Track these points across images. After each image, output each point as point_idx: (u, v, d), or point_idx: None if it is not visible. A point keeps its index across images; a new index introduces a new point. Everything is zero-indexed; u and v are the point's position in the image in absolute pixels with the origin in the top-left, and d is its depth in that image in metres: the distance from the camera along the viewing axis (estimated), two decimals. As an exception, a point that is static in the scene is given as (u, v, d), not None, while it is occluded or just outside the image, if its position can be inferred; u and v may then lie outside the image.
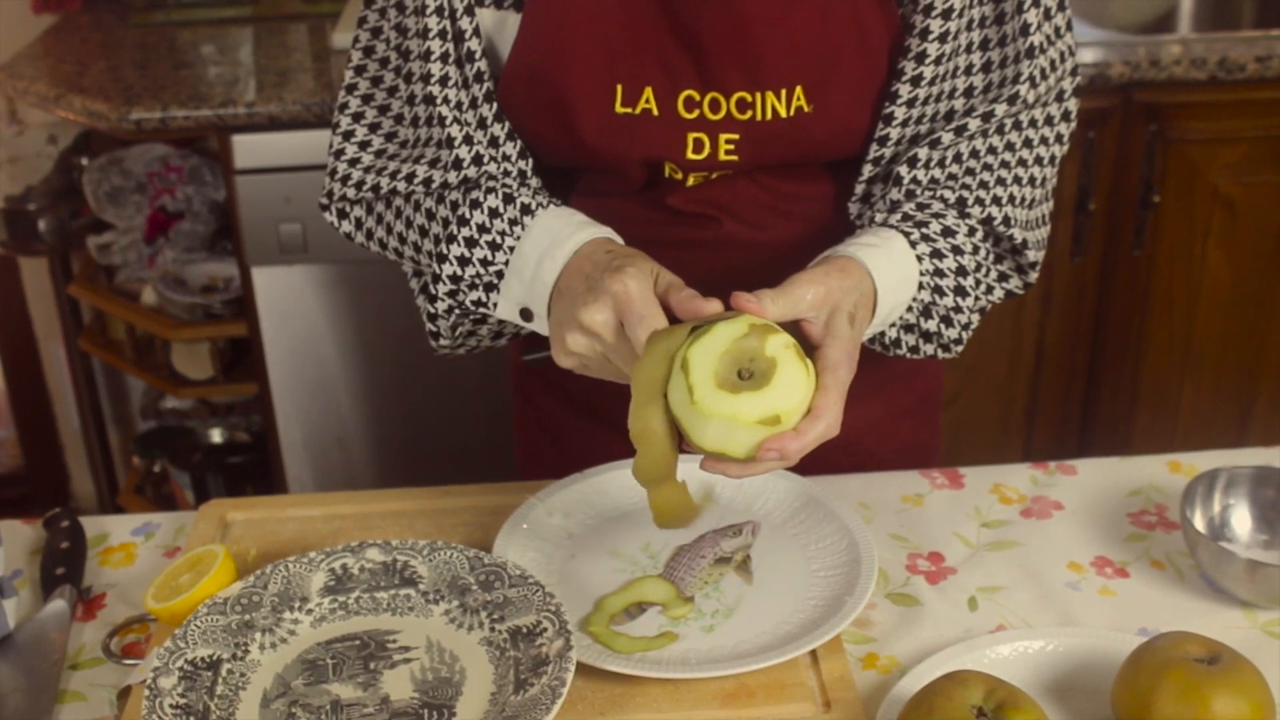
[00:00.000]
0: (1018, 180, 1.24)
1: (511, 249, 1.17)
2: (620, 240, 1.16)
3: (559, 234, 1.15)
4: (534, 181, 1.26)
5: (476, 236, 1.19)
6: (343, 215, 1.29)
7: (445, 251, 1.20)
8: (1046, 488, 1.35)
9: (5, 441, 3.48)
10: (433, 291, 1.22)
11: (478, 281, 1.19)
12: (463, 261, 1.19)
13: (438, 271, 1.21)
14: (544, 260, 1.14)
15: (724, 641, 1.11)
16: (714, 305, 1.03)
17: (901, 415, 1.44)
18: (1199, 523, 1.23)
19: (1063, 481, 1.36)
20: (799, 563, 1.20)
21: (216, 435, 2.99)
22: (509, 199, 1.19)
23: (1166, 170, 2.45)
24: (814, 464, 1.29)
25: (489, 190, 1.20)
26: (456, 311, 1.23)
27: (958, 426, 2.61)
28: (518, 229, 1.17)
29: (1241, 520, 1.25)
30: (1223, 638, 1.08)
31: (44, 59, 2.63)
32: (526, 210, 1.18)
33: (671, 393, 1.00)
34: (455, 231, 1.19)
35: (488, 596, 1.12)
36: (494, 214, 1.18)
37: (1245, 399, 2.67)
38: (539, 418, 1.49)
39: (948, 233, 1.19)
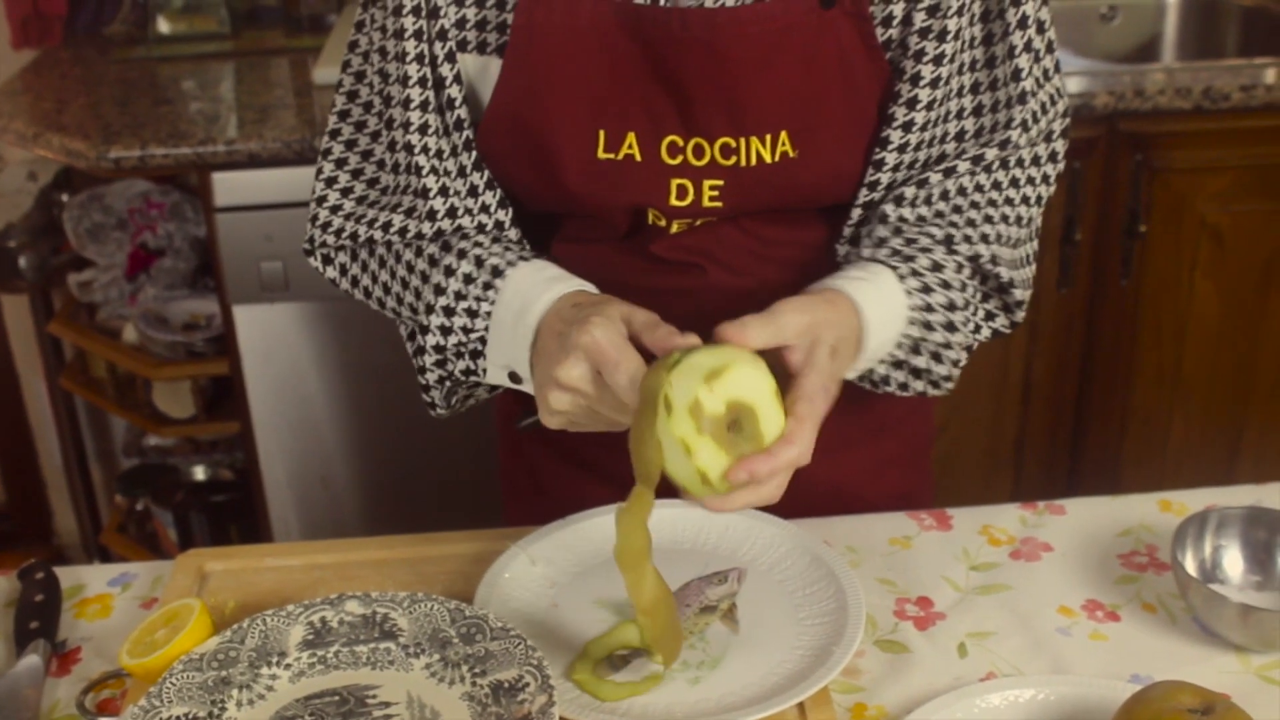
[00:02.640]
0: (1004, 219, 1.23)
1: (489, 314, 1.16)
2: (594, 289, 1.15)
3: (528, 295, 1.14)
4: (513, 233, 1.24)
5: (454, 305, 1.18)
6: (327, 261, 1.29)
7: (426, 322, 1.19)
8: (1035, 528, 1.34)
9: (-13, 478, 3.46)
10: (421, 363, 1.21)
11: (463, 350, 1.19)
12: (444, 331, 1.18)
13: (421, 344, 1.20)
14: (517, 325, 1.13)
15: (709, 694, 1.09)
16: (691, 339, 1.01)
17: (891, 462, 1.42)
18: (1190, 565, 1.21)
19: (1052, 522, 1.35)
20: (786, 610, 1.18)
21: (200, 472, 2.97)
22: (479, 262, 1.18)
23: (1153, 200, 2.44)
24: (802, 510, 1.28)
25: (460, 254, 1.19)
26: (448, 382, 1.22)
27: (946, 460, 2.60)
28: (491, 293, 1.17)
29: (1233, 562, 1.23)
30: (1216, 683, 1.07)
31: (23, 95, 2.62)
32: (497, 272, 1.17)
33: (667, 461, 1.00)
34: (433, 301, 1.19)
35: (469, 650, 1.10)
36: (468, 280, 1.18)
37: (1234, 428, 2.66)
38: (525, 464, 1.47)
39: (936, 268, 1.18)
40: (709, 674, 1.11)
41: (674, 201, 1.20)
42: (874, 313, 1.12)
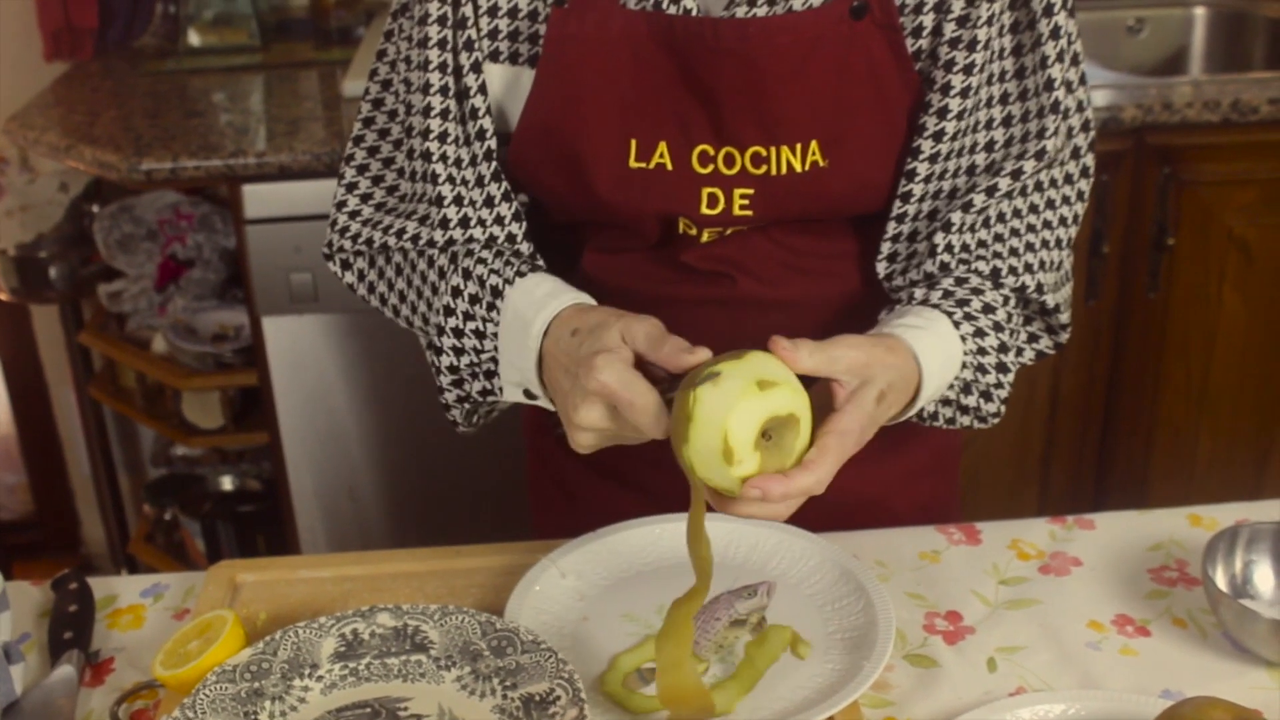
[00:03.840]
0: (1045, 244, 1.24)
1: (495, 335, 1.18)
2: (588, 299, 1.16)
3: (525, 316, 1.15)
4: (524, 246, 1.25)
5: (463, 326, 1.20)
6: (346, 266, 1.30)
7: (439, 343, 1.21)
8: (1065, 543, 1.33)
9: (16, 487, 3.48)
10: (440, 383, 1.23)
11: (477, 371, 1.20)
12: (458, 352, 1.21)
13: (437, 364, 1.22)
14: (521, 349, 1.15)
15: (739, 708, 1.09)
16: (702, 354, 1.01)
17: (919, 473, 1.43)
18: (1221, 581, 1.21)
19: (1081, 536, 1.35)
20: (815, 624, 1.19)
21: (227, 483, 2.98)
22: (481, 282, 1.19)
23: (1180, 213, 2.44)
24: (830, 521, 1.28)
25: (465, 274, 1.20)
26: (467, 403, 1.23)
27: (973, 472, 2.59)
28: (495, 313, 1.18)
29: (1265, 577, 1.23)
30: (1247, 699, 1.06)
31: (55, 108, 2.64)
32: (496, 293, 1.18)
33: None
34: (443, 322, 1.20)
35: (500, 663, 1.10)
36: (474, 300, 1.19)
37: (1262, 442, 2.66)
38: (553, 475, 1.47)
39: (988, 309, 1.19)
40: (739, 687, 1.12)
41: (705, 210, 1.21)
42: (931, 361, 1.13)
